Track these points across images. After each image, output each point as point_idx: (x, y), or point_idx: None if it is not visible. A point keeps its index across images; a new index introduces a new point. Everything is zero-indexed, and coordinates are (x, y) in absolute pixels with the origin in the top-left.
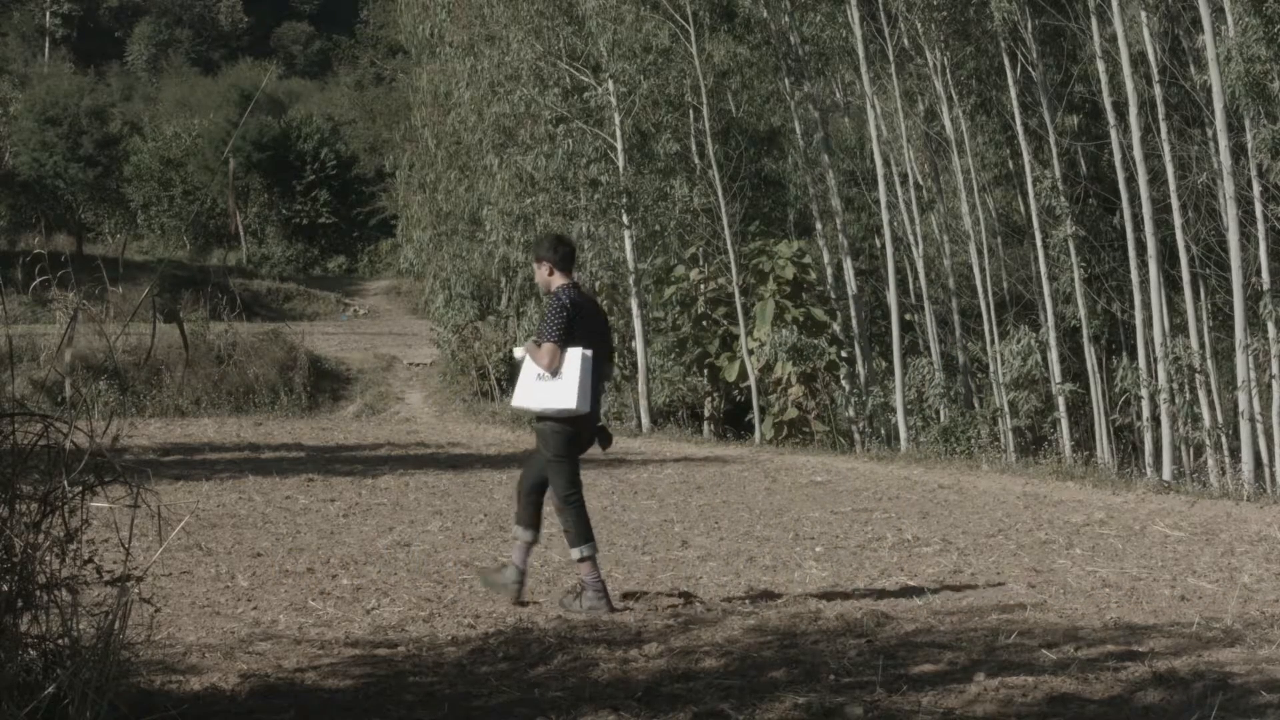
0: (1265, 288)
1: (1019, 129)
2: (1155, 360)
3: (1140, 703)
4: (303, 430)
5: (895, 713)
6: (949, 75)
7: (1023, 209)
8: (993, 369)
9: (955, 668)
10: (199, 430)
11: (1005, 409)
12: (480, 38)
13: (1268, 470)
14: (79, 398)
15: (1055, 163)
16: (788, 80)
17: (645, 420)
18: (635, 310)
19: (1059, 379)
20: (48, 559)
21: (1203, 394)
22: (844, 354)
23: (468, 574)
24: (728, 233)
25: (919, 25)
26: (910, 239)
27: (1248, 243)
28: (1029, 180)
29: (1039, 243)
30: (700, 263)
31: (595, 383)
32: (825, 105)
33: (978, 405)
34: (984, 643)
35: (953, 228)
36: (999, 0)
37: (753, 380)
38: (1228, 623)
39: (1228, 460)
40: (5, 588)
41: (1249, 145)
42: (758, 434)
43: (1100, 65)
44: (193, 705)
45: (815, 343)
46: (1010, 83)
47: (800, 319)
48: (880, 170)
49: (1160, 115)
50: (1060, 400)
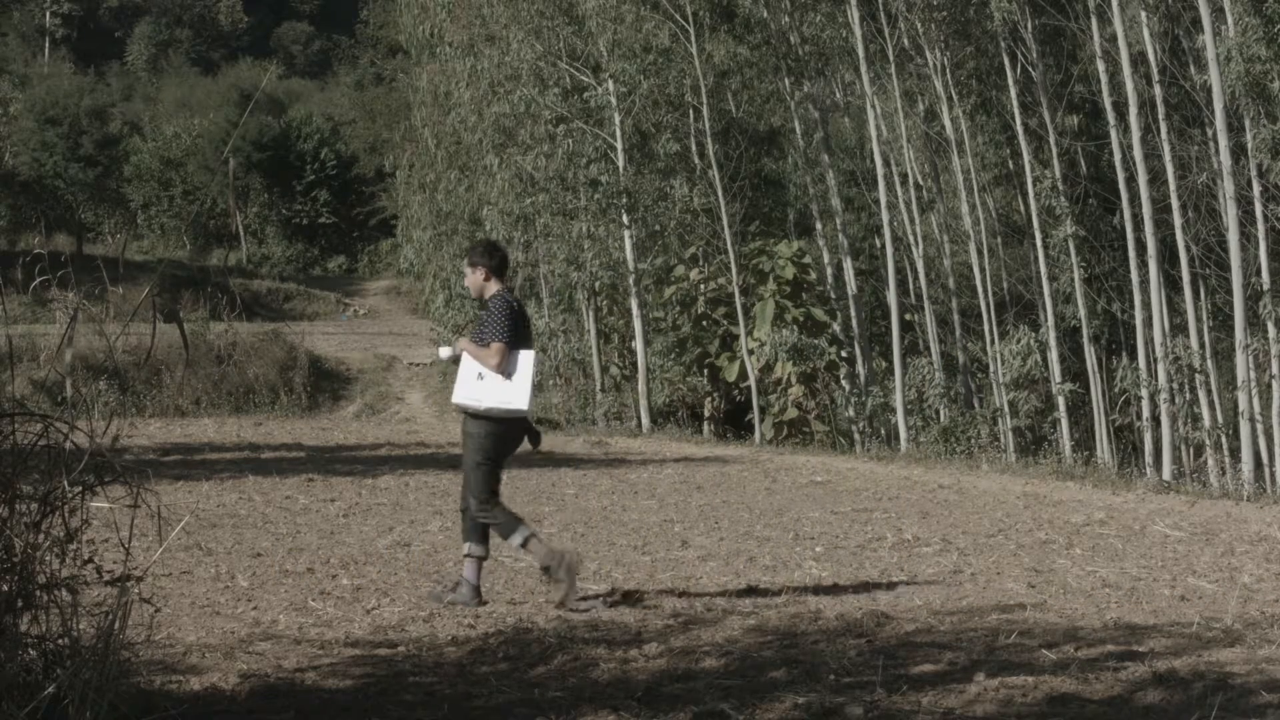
0: (1265, 288)
1: (1019, 129)
2: (1155, 360)
3: (1140, 703)
4: (303, 430)
5: (895, 712)
6: (949, 75)
7: (1023, 209)
8: (993, 369)
9: (955, 668)
10: (199, 430)
11: (1005, 409)
12: (480, 38)
13: (1268, 470)
14: (79, 398)
15: (1055, 163)
16: (788, 80)
17: (645, 420)
18: (635, 310)
19: (1059, 379)
20: (48, 559)
21: (1203, 394)
22: (844, 354)
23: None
24: (728, 233)
25: (919, 25)
26: (910, 239)
27: (1248, 243)
28: (1029, 180)
29: (1039, 243)
30: (700, 263)
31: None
32: (825, 105)
33: (978, 405)
34: (984, 643)
35: (953, 228)
36: (999, 0)
37: (753, 380)
38: (1228, 623)
39: (1228, 460)
40: (5, 588)
41: (1249, 145)
42: (758, 434)
43: (1100, 65)
44: (193, 705)
45: (815, 343)
46: (1010, 83)
47: (800, 319)
48: (880, 170)
49: (1160, 115)
50: (1060, 400)
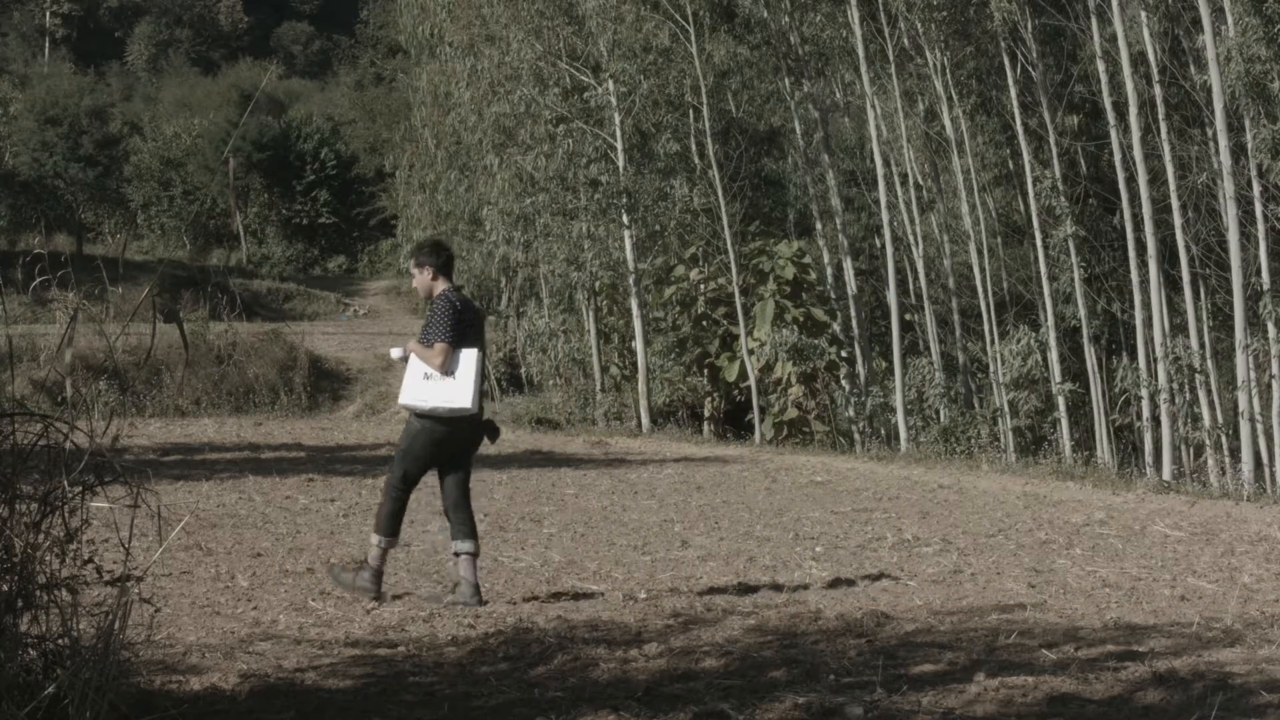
0: (1265, 288)
1: (1019, 129)
2: (1155, 360)
3: (1140, 703)
4: (303, 430)
5: (895, 712)
6: (949, 75)
7: (1023, 209)
8: (993, 369)
9: (955, 668)
10: (199, 430)
11: (1005, 409)
12: (480, 38)
13: (1268, 470)
14: (79, 398)
15: (1055, 163)
16: (788, 80)
17: (645, 420)
18: (635, 310)
19: (1059, 379)
20: (48, 559)
21: (1203, 394)
22: (844, 354)
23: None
24: (728, 232)
25: (919, 25)
26: (910, 239)
27: (1248, 243)
28: (1029, 180)
29: (1039, 243)
30: (700, 263)
31: (480, 382)
32: (825, 105)
33: (978, 405)
34: (984, 643)
35: (953, 228)
36: (999, 0)
37: (753, 380)
38: (1228, 623)
39: (1228, 460)
40: (5, 588)
41: (1249, 145)
42: (758, 434)
43: (1100, 65)
44: (193, 705)
45: (815, 343)
46: (1010, 83)
47: (800, 319)
48: (880, 170)
49: (1160, 115)
50: (1060, 400)
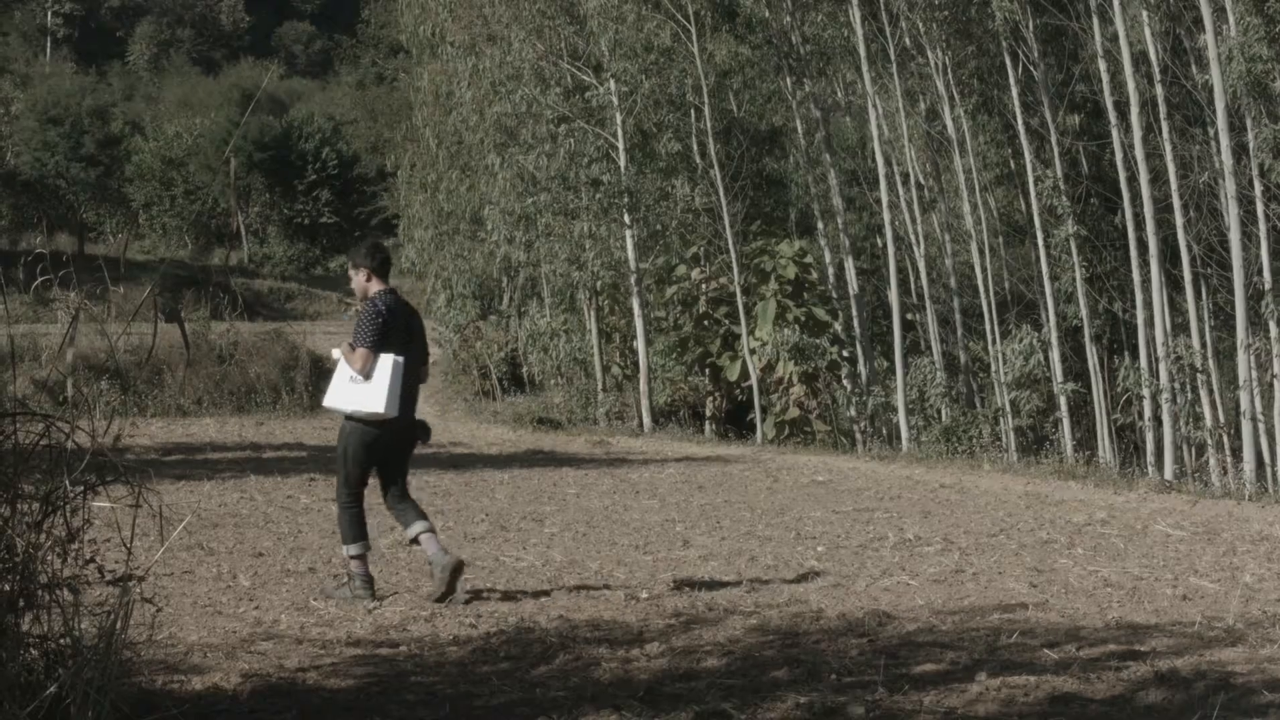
0: (1267, 287)
1: (1020, 128)
2: (1157, 360)
3: (1142, 702)
4: (304, 430)
5: (897, 712)
6: (950, 75)
7: (1024, 208)
8: (994, 368)
9: (957, 667)
10: (201, 430)
11: (1007, 408)
12: (482, 37)
13: (1269, 470)
14: (80, 397)
15: (1057, 162)
16: (789, 80)
17: (647, 420)
18: (637, 310)
19: (1061, 378)
20: (49, 559)
21: (1204, 393)
22: (845, 353)
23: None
24: (729, 232)
25: (920, 25)
26: (912, 238)
27: (1249, 242)
28: (1030, 180)
29: (1040, 242)
30: (702, 262)
31: (408, 387)
32: (827, 105)
33: (979, 405)
34: (986, 642)
35: (954, 227)
36: (1000, 0)
37: (754, 380)
38: (1230, 622)
39: (1229, 460)
40: (7, 587)
41: (1250, 145)
42: (759, 434)
43: (1102, 65)
44: (195, 705)
45: (817, 342)
46: (1012, 82)
47: (802, 318)
48: (882, 170)
49: (1162, 115)
50: (1062, 400)
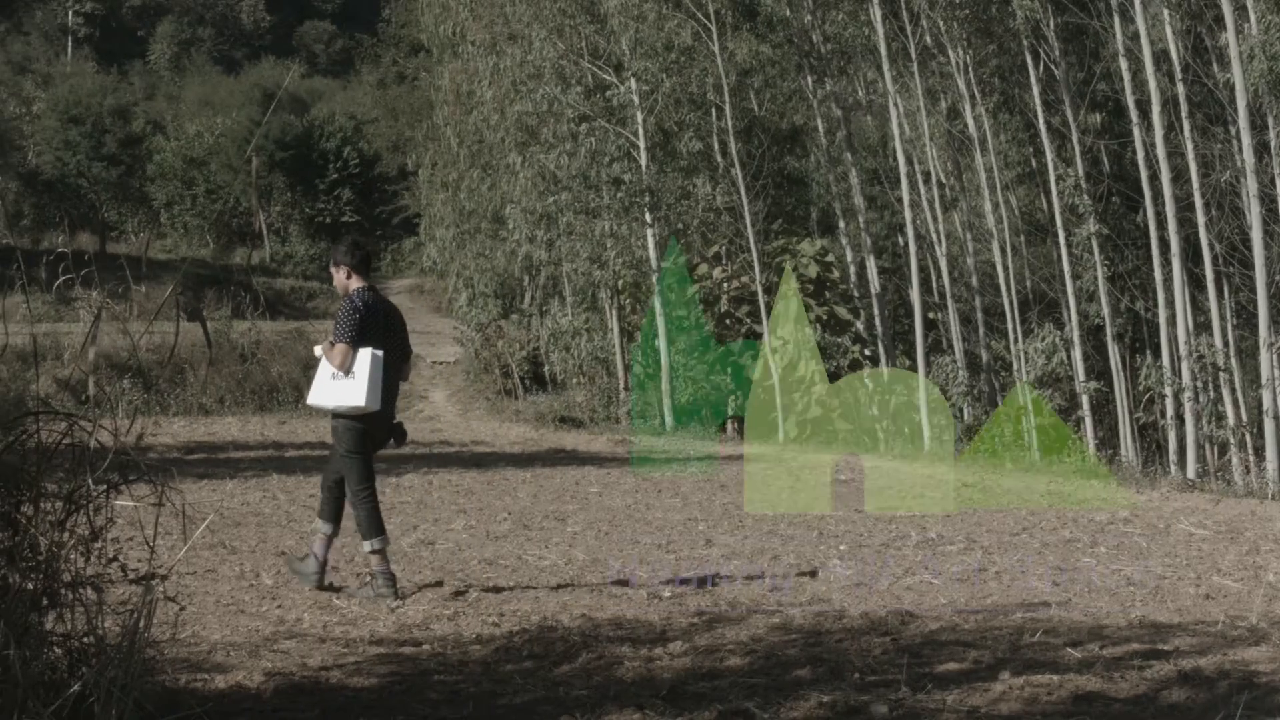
0: None
1: (1042, 127)
2: (1179, 358)
3: (1165, 701)
4: (327, 429)
5: (920, 711)
6: (971, 73)
7: (1046, 207)
8: (1016, 367)
9: (980, 666)
10: (223, 429)
11: (1029, 407)
12: (502, 36)
13: None
14: (103, 396)
15: (1078, 161)
16: (810, 79)
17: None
18: (659, 309)
19: (1083, 377)
20: (73, 557)
21: (1226, 392)
22: (867, 352)
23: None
24: (750, 231)
25: (941, 23)
26: (933, 237)
27: (1271, 241)
28: (1052, 178)
29: (1062, 241)
30: (723, 261)
31: (388, 382)
32: (848, 104)
33: (1001, 403)
34: (1008, 641)
35: (976, 226)
36: None
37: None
38: (1253, 621)
39: (1252, 458)
40: (31, 586)
41: (1272, 143)
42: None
43: (1123, 63)
44: (218, 703)
45: (839, 341)
46: (1033, 81)
47: (824, 318)
48: (903, 168)
49: (1183, 113)
50: (1084, 398)
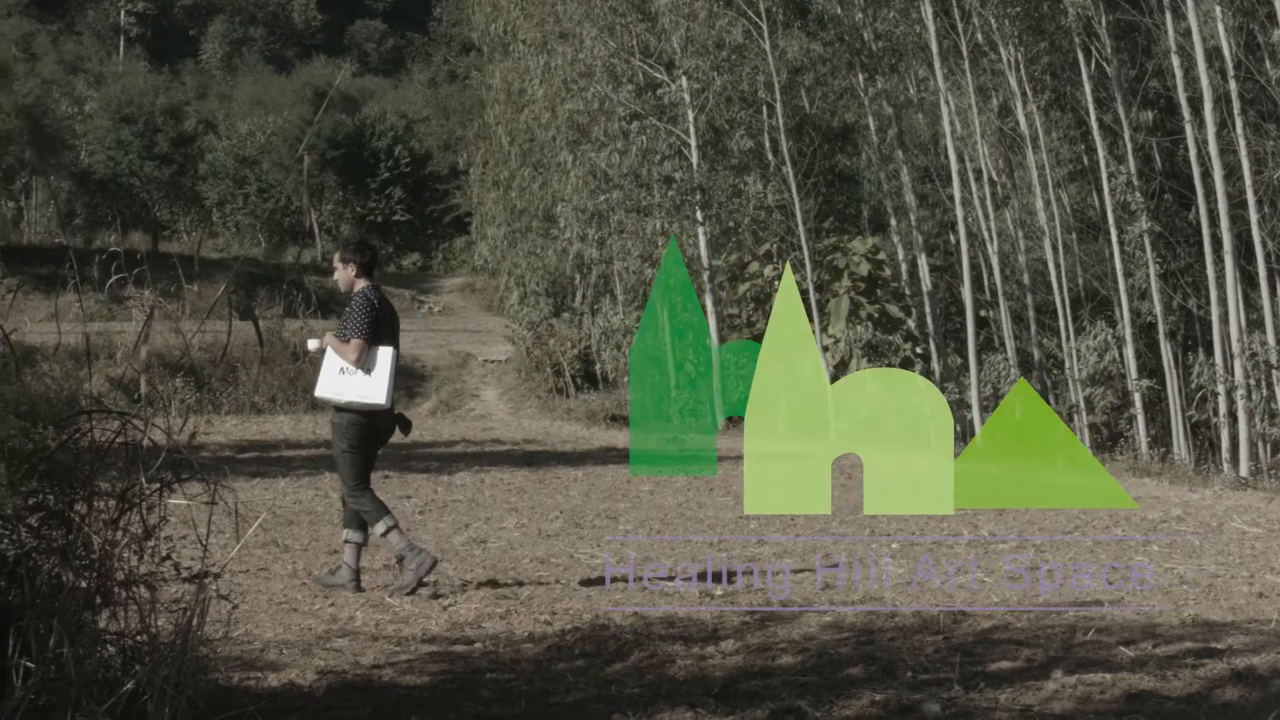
0: None
1: (1093, 124)
2: (1232, 356)
3: (1219, 700)
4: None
5: (973, 710)
6: (1023, 71)
7: (1098, 205)
8: (1068, 365)
9: (1033, 665)
10: (275, 427)
11: (1081, 405)
12: (553, 35)
13: None
14: (155, 395)
15: (1130, 158)
16: (861, 76)
17: (721, 417)
18: (710, 307)
19: (1135, 375)
20: (126, 556)
21: None
22: (919, 350)
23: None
24: (802, 229)
25: (992, 21)
26: (985, 235)
27: None
28: (1104, 176)
29: (1114, 238)
30: (774, 259)
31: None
32: (899, 101)
33: (1053, 402)
34: (1061, 640)
35: (1027, 224)
36: None
37: (827, 377)
38: None
39: None
40: (84, 584)
41: None
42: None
43: (1175, 60)
44: (270, 702)
45: (890, 339)
46: (1085, 78)
47: (875, 316)
48: (954, 166)
49: (1235, 110)
50: (1136, 396)
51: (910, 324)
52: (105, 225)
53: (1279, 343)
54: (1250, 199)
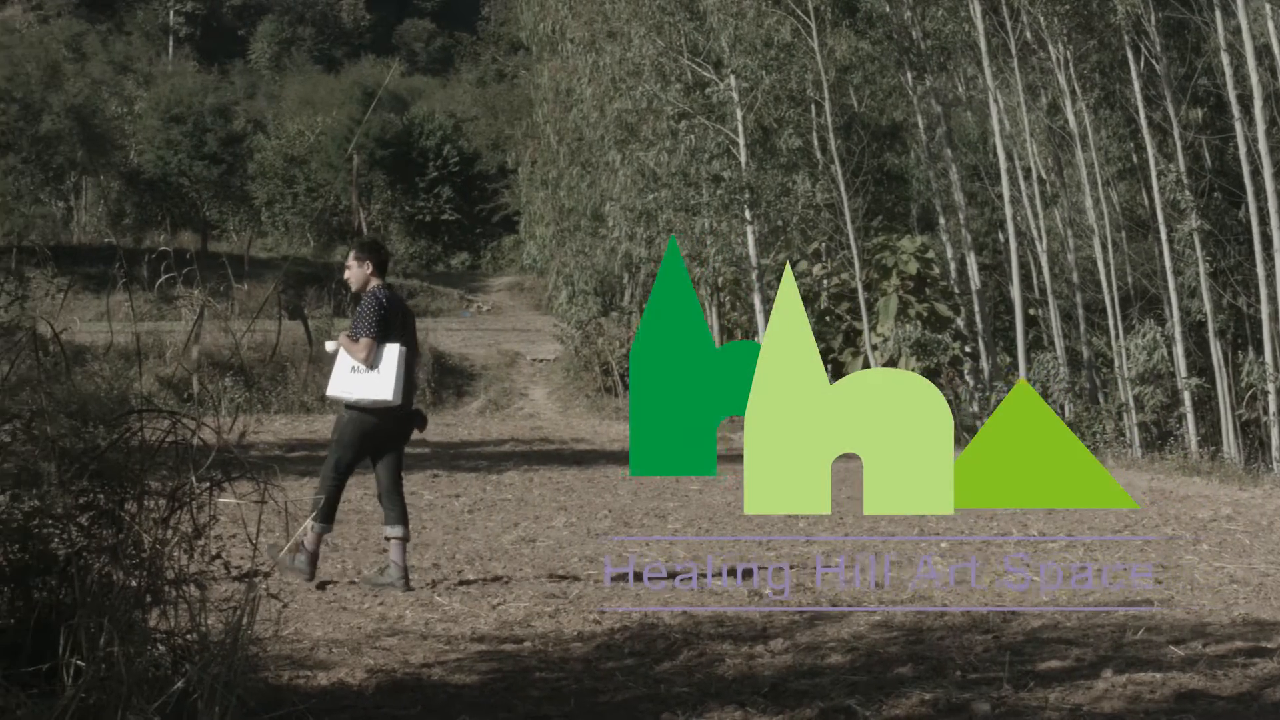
0: None
1: (1143, 122)
2: None
3: (1270, 699)
4: (427, 426)
5: (1022, 709)
6: (1072, 69)
7: (1147, 203)
8: (1117, 364)
9: (1082, 664)
10: (324, 426)
11: (1130, 404)
12: (602, 34)
13: None
14: (205, 394)
15: (1179, 156)
16: (910, 75)
17: None
18: (758, 306)
19: (1184, 374)
20: (176, 554)
21: None
22: (968, 349)
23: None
24: (850, 228)
25: (1041, 19)
26: (1034, 233)
27: None
28: (1153, 174)
29: (1163, 237)
30: (823, 258)
31: (409, 376)
32: (947, 100)
33: (1102, 400)
34: (1111, 639)
35: (1076, 222)
36: None
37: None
38: None
39: None
40: (135, 583)
41: None
42: None
43: (1224, 58)
44: (320, 700)
45: (939, 338)
46: (1134, 76)
47: (924, 314)
48: (1003, 165)
49: None
50: (1186, 395)
51: (959, 323)
52: (155, 225)
53: None
54: None
